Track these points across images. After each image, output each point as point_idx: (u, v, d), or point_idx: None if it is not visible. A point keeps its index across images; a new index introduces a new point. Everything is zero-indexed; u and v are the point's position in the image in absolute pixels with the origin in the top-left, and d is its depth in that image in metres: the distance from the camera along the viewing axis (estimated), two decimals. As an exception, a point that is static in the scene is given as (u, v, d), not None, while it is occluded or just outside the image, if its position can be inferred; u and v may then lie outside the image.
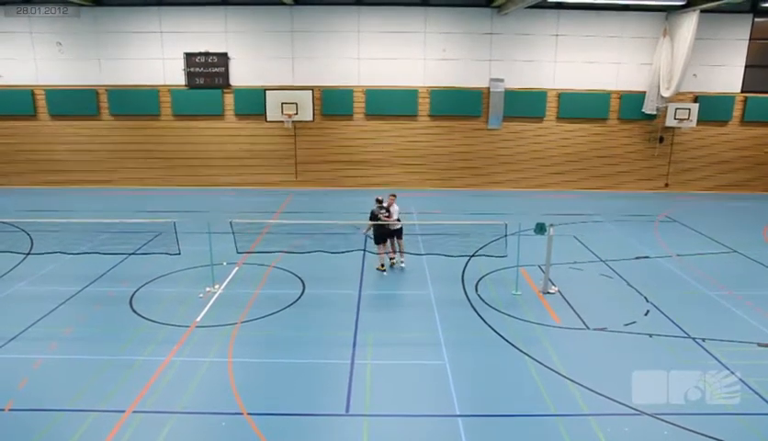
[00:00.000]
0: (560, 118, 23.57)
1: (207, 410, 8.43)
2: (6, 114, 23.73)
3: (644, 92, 23.05)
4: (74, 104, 23.55)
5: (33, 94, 23.52)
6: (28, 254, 15.00)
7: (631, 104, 23.30)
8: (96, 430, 7.88)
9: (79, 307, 12.12)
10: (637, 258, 15.37)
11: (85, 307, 12.12)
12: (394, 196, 14.24)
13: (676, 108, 22.62)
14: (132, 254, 15.03)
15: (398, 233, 14.06)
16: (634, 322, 11.36)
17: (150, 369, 9.50)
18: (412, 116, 23.54)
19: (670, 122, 22.83)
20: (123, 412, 8.29)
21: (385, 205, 13.90)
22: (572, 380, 9.14)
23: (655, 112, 23.03)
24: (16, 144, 24.12)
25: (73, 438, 7.71)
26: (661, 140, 23.74)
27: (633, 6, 22.27)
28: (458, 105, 23.38)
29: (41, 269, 14.12)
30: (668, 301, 12.40)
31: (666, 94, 22.33)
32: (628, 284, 13.49)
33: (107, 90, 23.44)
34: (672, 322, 11.44)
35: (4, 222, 17.12)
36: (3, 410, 8.34)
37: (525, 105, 23.30)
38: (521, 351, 10.18)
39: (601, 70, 23.13)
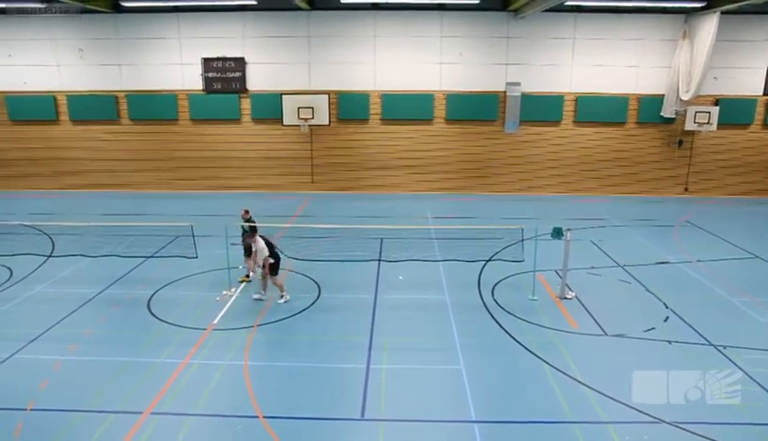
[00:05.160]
0: (578, 121, 23.39)
1: (223, 412, 8.47)
2: (30, 119, 24.15)
3: (663, 95, 22.79)
4: (95, 109, 23.89)
5: (55, 99, 23.91)
6: (50, 256, 15.21)
7: (650, 107, 23.04)
8: (115, 431, 7.96)
9: (98, 309, 12.27)
10: (656, 263, 15.19)
11: (105, 309, 12.26)
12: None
13: (696, 112, 22.34)
14: (150, 257, 15.18)
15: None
16: (653, 329, 11.21)
17: (167, 371, 9.57)
18: (428, 120, 23.52)
19: (689, 126, 22.54)
20: (141, 413, 8.36)
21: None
22: (590, 387, 9.04)
23: (674, 116, 22.74)
24: (38, 149, 24.52)
25: (91, 439, 7.79)
26: (681, 143, 23.46)
27: (651, 9, 22.05)
28: (475, 109, 23.31)
29: (62, 271, 14.32)
30: (688, 308, 12.22)
31: (685, 97, 22.06)
32: (647, 289, 13.33)
33: (126, 95, 23.75)
34: (693, 328, 11.27)
35: (26, 225, 17.40)
36: (25, 410, 8.46)
37: (541, 108, 23.16)
38: (537, 357, 10.10)
39: (619, 73, 22.91)
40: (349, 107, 23.43)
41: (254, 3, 21.66)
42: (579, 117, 23.26)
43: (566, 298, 12.69)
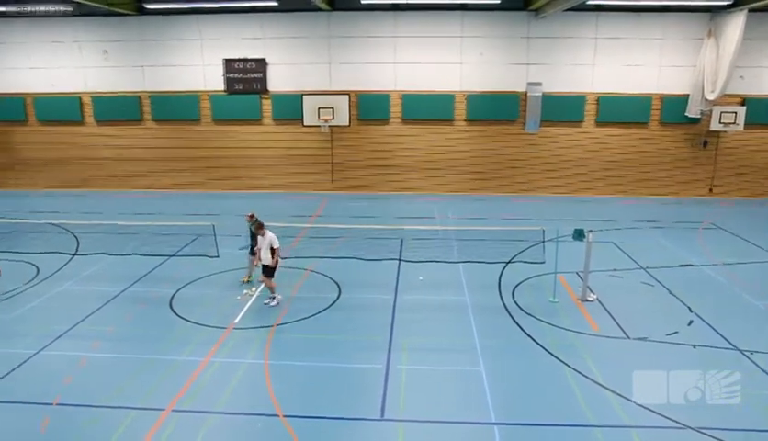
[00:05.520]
0: (599, 122, 23.13)
1: (243, 411, 8.54)
2: (56, 120, 24.61)
3: (687, 95, 22.45)
4: (119, 110, 24.27)
5: (81, 101, 24.32)
6: (75, 254, 15.49)
7: (673, 107, 22.71)
8: (137, 427, 8.08)
9: (122, 307, 12.46)
10: (679, 266, 14.97)
11: (128, 307, 12.44)
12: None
13: (721, 112, 21.97)
14: (173, 256, 15.36)
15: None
16: (676, 333, 11.05)
17: (188, 369, 9.68)
18: (449, 120, 23.46)
19: (714, 126, 22.17)
20: (163, 410, 8.46)
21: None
22: (612, 391, 8.94)
23: (699, 116, 22.39)
24: (64, 149, 24.98)
25: (115, 434, 7.91)
26: (705, 144, 23.09)
27: (675, 7, 21.73)
28: (495, 109, 23.20)
29: (86, 269, 14.56)
30: (713, 311, 12.02)
31: (711, 97, 21.71)
32: (670, 292, 13.14)
33: (149, 96, 24.08)
34: (718, 333, 11.08)
35: (52, 224, 17.74)
36: (51, 404, 8.63)
37: (563, 109, 22.97)
38: (558, 359, 10.02)
39: (642, 73, 22.61)
40: (369, 108, 23.47)
41: (275, 4, 21.81)
42: (601, 117, 23.00)
43: (587, 300, 12.57)
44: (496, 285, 13.60)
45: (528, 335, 10.98)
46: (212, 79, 23.68)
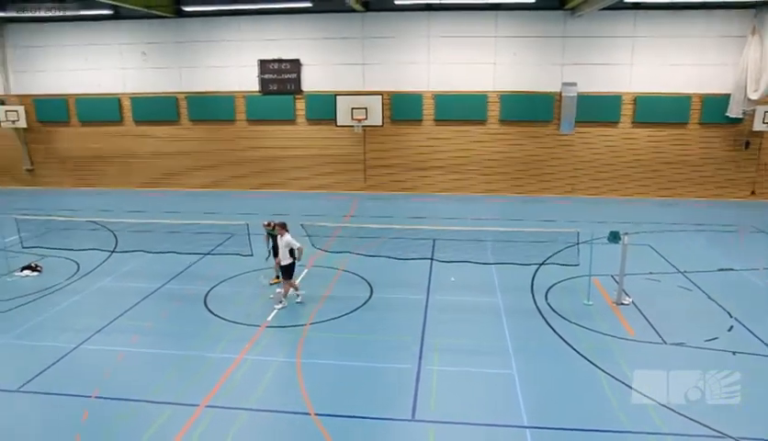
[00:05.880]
0: (636, 122, 22.66)
1: (275, 408, 8.62)
2: (96, 120, 25.28)
3: (728, 94, 21.83)
4: (157, 110, 24.82)
5: (120, 101, 24.93)
6: (113, 251, 15.89)
7: (714, 107, 22.10)
8: (172, 422, 8.24)
9: (158, 303, 12.74)
10: (719, 270, 14.56)
11: (164, 303, 12.71)
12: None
13: (765, 111, 21.31)
14: (207, 254, 15.62)
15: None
16: (716, 338, 10.75)
17: (222, 366, 9.83)
18: (482, 121, 23.30)
19: (758, 126, 21.53)
20: (197, 406, 8.62)
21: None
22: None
23: (741, 116, 21.75)
24: (103, 149, 25.64)
25: (150, 428, 8.09)
26: (747, 145, 22.42)
27: (717, 4, 21.14)
28: (529, 109, 22.95)
29: (125, 266, 14.93)
30: (754, 317, 11.64)
31: (754, 96, 21.07)
32: (709, 297, 12.79)
33: (186, 97, 24.53)
34: (759, 339, 10.74)
35: (92, 221, 18.23)
36: (90, 396, 8.87)
37: (598, 109, 22.57)
38: (592, 363, 9.85)
39: (681, 72, 22.05)
40: (402, 108, 23.47)
41: (310, 5, 21.98)
42: (638, 117, 22.53)
43: (623, 303, 12.34)
44: (529, 287, 13.46)
45: (562, 338, 10.84)
46: (247, 80, 23.99)
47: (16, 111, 25.02)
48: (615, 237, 12.35)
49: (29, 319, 11.88)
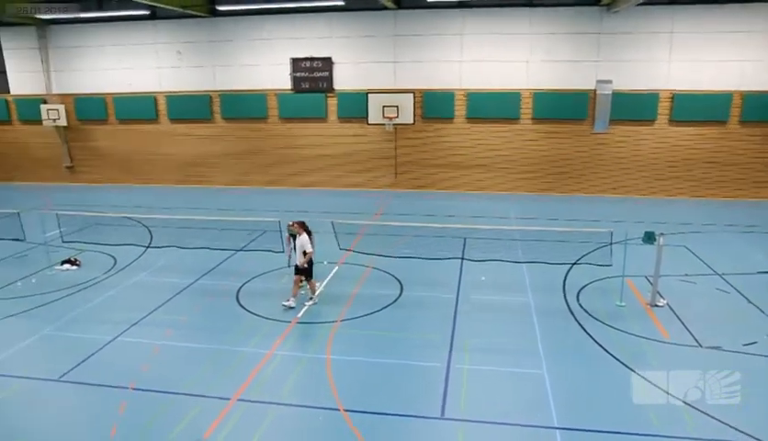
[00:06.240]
0: (673, 120, 22.13)
1: (305, 403, 8.73)
2: (133, 118, 25.87)
3: (771, 92, 21.17)
4: (191, 108, 25.26)
5: (155, 100, 25.45)
6: (148, 247, 16.25)
7: (757, 105, 21.39)
8: (204, 414, 8.41)
9: (191, 298, 12.99)
10: (758, 273, 14.15)
11: (197, 298, 12.96)
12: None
13: (809, 110, 20.62)
14: (240, 250, 15.86)
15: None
16: (754, 343, 10.45)
17: (253, 361, 9.98)
18: (515, 119, 23.08)
19: (801, 125, 20.86)
20: (228, 399, 8.77)
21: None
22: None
23: (784, 114, 21.08)
24: (139, 146, 26.23)
25: (184, 420, 8.27)
26: (791, 144, 21.72)
27: (762, -3, 20.45)
28: (563, 107, 22.63)
29: (159, 261, 15.27)
30: (795, 321, 11.32)
31: (797, 94, 20.41)
32: (748, 301, 12.44)
33: (219, 95, 24.90)
34: (800, 344, 10.44)
35: (128, 217, 18.66)
36: (127, 388, 9.12)
37: (634, 107, 22.11)
38: (625, 365, 9.70)
39: (722, 68, 21.42)
40: (434, 106, 23.40)
41: (342, 3, 22.06)
42: (675, 115, 22.00)
43: (657, 305, 12.10)
44: (560, 287, 13.31)
45: (593, 339, 10.70)
46: (279, 78, 24.22)
47: (57, 110, 25.76)
48: (650, 238, 12.13)
49: (69, 311, 12.26)
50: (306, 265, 12.16)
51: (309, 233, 12.53)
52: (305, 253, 12.08)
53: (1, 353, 10.45)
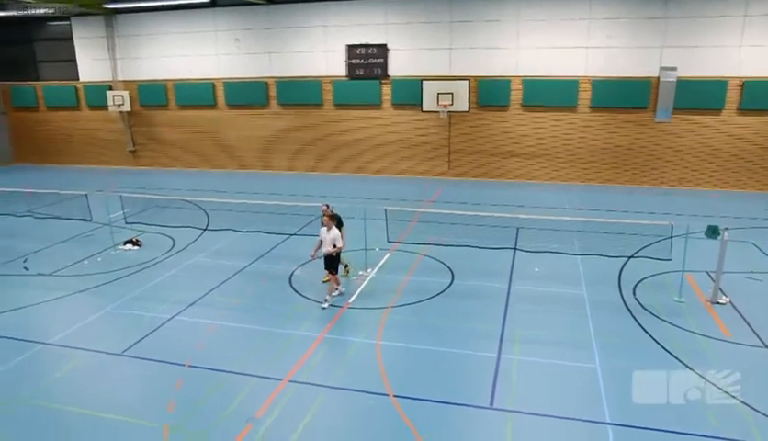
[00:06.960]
0: (743, 109, 21.05)
1: (356, 387, 8.83)
2: (192, 104, 26.60)
3: None
4: (247, 94, 25.78)
5: (214, 86, 26.06)
6: (205, 229, 16.76)
7: (835, 93, 20.16)
8: (256, 393, 8.65)
9: (246, 280, 13.32)
10: (832, 271, 13.40)
11: (251, 281, 13.28)
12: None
13: None
14: (293, 234, 16.12)
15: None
16: (825, 344, 9.96)
17: (305, 344, 10.18)
18: (572, 107, 22.49)
19: None
20: (280, 380, 8.98)
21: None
22: (744, 402, 8.24)
23: None
24: (198, 131, 26.98)
25: (236, 399, 8.52)
26: None
27: None
28: (622, 96, 21.88)
29: (216, 244, 15.70)
30: None
31: None
32: (820, 300, 11.83)
33: (275, 81, 25.27)
34: None
35: (186, 200, 19.25)
36: (184, 365, 9.47)
37: (699, 95, 21.14)
38: (682, 363, 9.38)
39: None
40: (489, 94, 23.07)
41: (398, -10, 21.98)
42: (744, 104, 20.90)
43: (718, 303, 11.63)
44: (616, 280, 12.96)
45: (649, 335, 10.39)
46: (335, 65, 24.38)
47: (122, 96, 26.77)
48: (713, 232, 11.63)
49: (132, 289, 12.79)
50: (334, 255, 11.87)
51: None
52: (335, 245, 11.83)
53: (70, 326, 11.02)
